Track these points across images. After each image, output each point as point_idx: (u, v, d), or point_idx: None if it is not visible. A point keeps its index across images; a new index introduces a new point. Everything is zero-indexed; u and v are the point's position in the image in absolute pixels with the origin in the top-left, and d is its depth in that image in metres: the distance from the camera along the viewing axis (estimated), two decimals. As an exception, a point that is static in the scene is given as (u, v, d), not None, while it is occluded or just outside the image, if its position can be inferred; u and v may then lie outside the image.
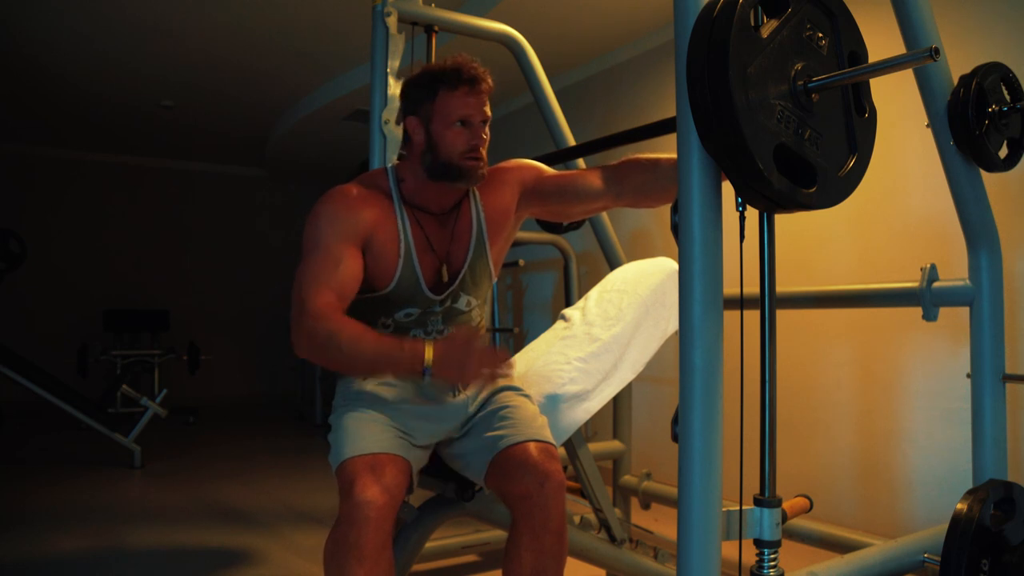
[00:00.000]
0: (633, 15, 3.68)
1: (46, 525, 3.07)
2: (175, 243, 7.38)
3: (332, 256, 1.42)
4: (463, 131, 1.46)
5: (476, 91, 1.45)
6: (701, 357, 1.01)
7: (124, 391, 4.62)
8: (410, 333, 1.57)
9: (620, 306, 1.80)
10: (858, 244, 2.91)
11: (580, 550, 1.83)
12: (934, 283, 1.58)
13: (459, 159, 1.46)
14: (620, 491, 2.70)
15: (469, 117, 1.45)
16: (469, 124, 1.46)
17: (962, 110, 1.48)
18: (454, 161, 1.47)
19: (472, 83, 1.45)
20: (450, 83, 1.45)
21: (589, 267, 4.07)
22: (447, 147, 1.46)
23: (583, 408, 1.70)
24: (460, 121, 1.45)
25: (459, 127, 1.46)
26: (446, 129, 1.46)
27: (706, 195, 1.02)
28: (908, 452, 2.66)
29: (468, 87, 1.45)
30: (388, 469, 1.30)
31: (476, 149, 1.46)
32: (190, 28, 4.02)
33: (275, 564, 2.65)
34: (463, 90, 1.45)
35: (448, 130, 1.46)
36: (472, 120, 1.46)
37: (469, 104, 1.45)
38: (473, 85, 1.45)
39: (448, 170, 1.48)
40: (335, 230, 1.44)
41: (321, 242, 1.43)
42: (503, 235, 1.63)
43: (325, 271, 1.40)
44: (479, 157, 1.47)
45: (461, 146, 1.46)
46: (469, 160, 1.47)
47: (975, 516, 1.25)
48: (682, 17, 1.03)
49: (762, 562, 1.10)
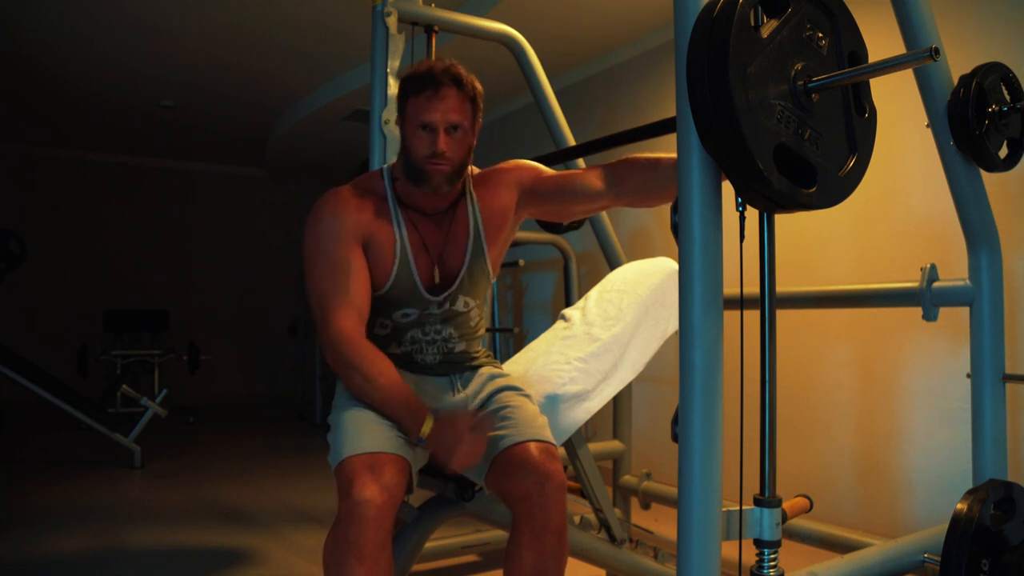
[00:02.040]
0: (633, 15, 3.68)
1: (46, 525, 3.07)
2: (175, 243, 7.38)
3: (340, 263, 1.46)
4: (425, 136, 1.46)
5: (439, 96, 1.44)
6: (701, 357, 1.01)
7: (124, 391, 4.62)
8: (408, 334, 1.57)
9: (620, 306, 1.80)
10: (858, 244, 2.91)
11: (580, 550, 1.83)
12: (934, 283, 1.58)
13: (422, 162, 1.47)
14: (620, 491, 2.70)
15: (431, 122, 1.45)
16: (431, 129, 1.45)
17: (962, 110, 1.48)
18: (418, 164, 1.47)
19: (436, 87, 1.44)
20: (415, 87, 1.46)
21: (589, 267, 4.07)
22: (413, 150, 1.47)
23: (583, 408, 1.70)
24: (423, 126, 1.45)
25: (423, 132, 1.46)
26: (412, 133, 1.47)
27: (706, 195, 1.02)
28: (908, 452, 2.66)
29: (432, 91, 1.44)
30: (387, 468, 1.30)
31: (435, 156, 1.45)
32: (190, 28, 4.02)
33: (275, 564, 2.65)
34: (427, 94, 1.44)
35: (414, 134, 1.47)
36: (434, 125, 1.45)
37: (430, 109, 1.44)
38: (437, 90, 1.44)
39: (414, 173, 1.49)
40: (336, 233, 1.47)
41: (325, 248, 1.46)
42: (501, 236, 1.63)
43: (338, 282, 1.44)
44: (438, 163, 1.46)
45: (423, 150, 1.46)
46: (429, 164, 1.46)
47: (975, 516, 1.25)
48: (682, 17, 1.03)
49: (762, 562, 1.10)
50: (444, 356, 1.60)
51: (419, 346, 1.58)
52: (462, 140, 1.48)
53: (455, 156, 1.47)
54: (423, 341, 1.58)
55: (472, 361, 1.63)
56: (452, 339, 1.60)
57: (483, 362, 1.65)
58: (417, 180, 1.49)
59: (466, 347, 1.63)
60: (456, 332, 1.60)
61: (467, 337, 1.63)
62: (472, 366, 1.63)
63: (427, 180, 1.48)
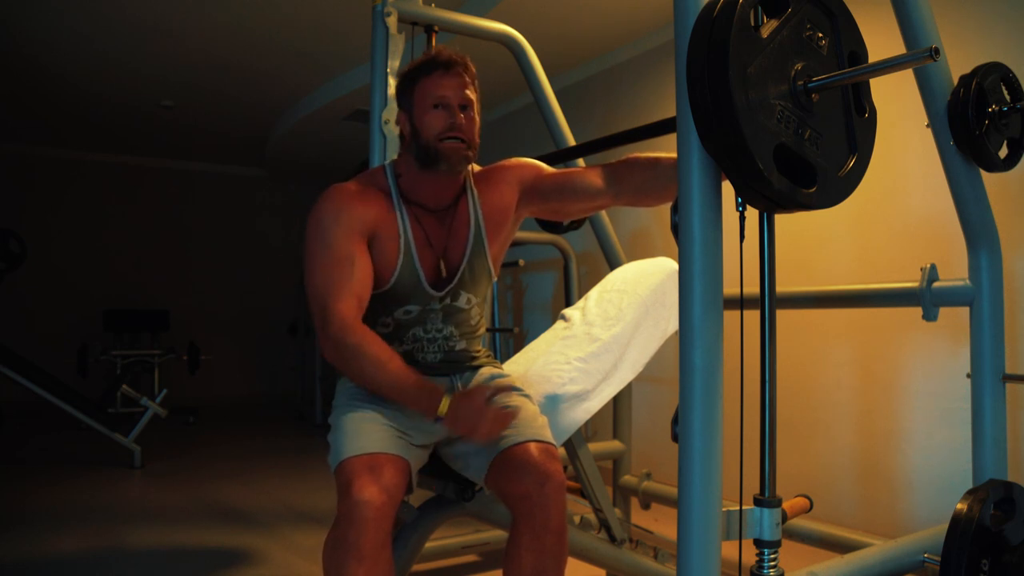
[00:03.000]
0: (633, 15, 3.68)
1: (46, 525, 3.07)
2: (175, 243, 7.38)
3: (343, 256, 1.44)
4: (440, 113, 1.47)
5: (451, 73, 1.47)
6: (701, 357, 1.01)
7: (124, 391, 4.62)
8: (410, 332, 1.57)
9: (620, 306, 1.80)
10: (858, 244, 2.91)
11: (580, 550, 1.83)
12: (934, 283, 1.58)
13: (436, 141, 1.47)
14: (620, 491, 2.70)
15: (445, 98, 1.46)
16: (447, 106, 1.47)
17: (962, 110, 1.48)
18: (432, 144, 1.47)
19: (447, 66, 1.47)
20: (425, 69, 1.48)
21: (589, 267, 4.07)
22: (426, 130, 1.47)
23: (583, 408, 1.70)
24: (437, 104, 1.47)
25: (437, 110, 1.47)
26: (424, 113, 1.48)
27: (706, 195, 1.02)
28: (908, 452, 2.66)
29: (443, 70, 1.47)
30: (387, 469, 1.30)
31: (454, 128, 1.46)
32: (190, 28, 4.02)
33: (275, 564, 2.65)
34: (438, 73, 1.47)
35: (426, 114, 1.47)
36: (449, 101, 1.47)
37: (444, 85, 1.47)
38: (448, 68, 1.47)
39: (429, 153, 1.48)
40: (340, 227, 1.45)
41: (329, 242, 1.44)
42: (502, 233, 1.63)
43: (340, 274, 1.42)
44: (458, 137, 1.47)
45: (439, 127, 1.46)
46: (447, 140, 1.46)
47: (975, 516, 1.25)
48: (682, 17, 1.03)
49: (762, 562, 1.10)
50: (445, 355, 1.60)
51: (420, 344, 1.58)
52: (473, 120, 1.50)
53: (469, 134, 1.49)
54: (424, 339, 1.58)
55: (472, 360, 1.63)
56: (453, 337, 1.60)
57: (483, 362, 1.65)
58: (432, 161, 1.48)
59: (467, 346, 1.63)
60: (457, 330, 1.60)
61: (468, 336, 1.63)
62: (472, 366, 1.63)
63: (444, 157, 1.47)
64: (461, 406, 1.31)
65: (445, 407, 1.32)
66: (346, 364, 1.40)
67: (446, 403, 1.32)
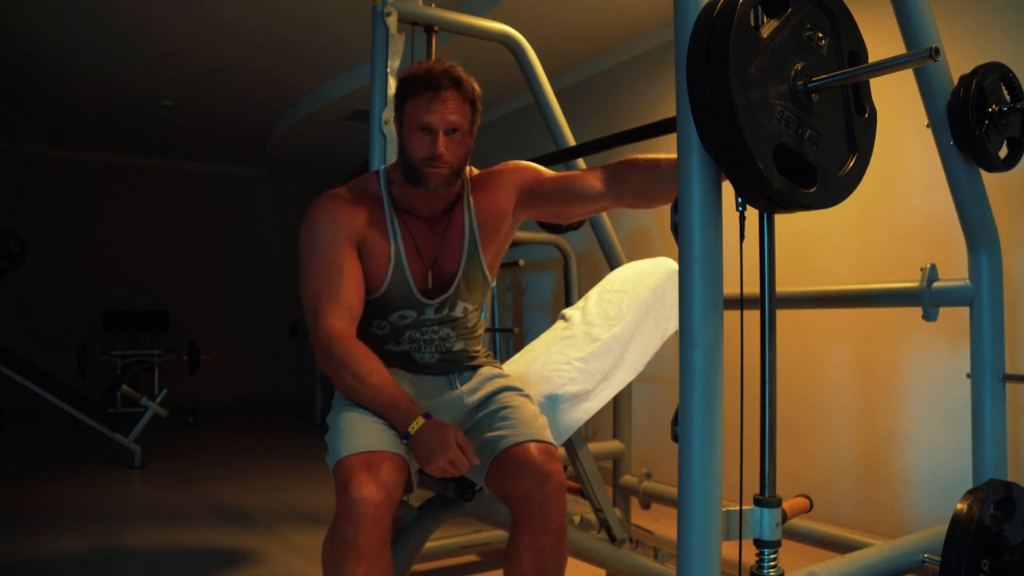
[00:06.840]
0: (633, 15, 3.68)
1: (46, 525, 3.07)
2: (175, 243, 7.38)
3: (334, 263, 1.46)
4: (424, 138, 1.45)
5: (440, 98, 1.43)
6: (701, 357, 1.01)
7: (124, 391, 4.62)
8: (406, 334, 1.57)
9: (620, 306, 1.80)
10: (858, 244, 2.91)
11: (580, 550, 1.83)
12: (934, 283, 1.58)
13: (420, 165, 1.46)
14: (620, 491, 2.70)
15: (431, 124, 1.44)
16: (431, 132, 1.44)
17: (962, 110, 1.48)
18: (416, 167, 1.47)
19: (436, 89, 1.43)
20: (415, 89, 1.45)
21: (589, 267, 4.07)
22: (411, 152, 1.47)
23: (583, 408, 1.70)
24: (422, 128, 1.44)
25: (421, 134, 1.45)
26: (411, 135, 1.46)
27: (706, 195, 1.02)
28: (908, 452, 2.66)
29: (432, 93, 1.43)
30: (384, 467, 1.30)
31: (434, 158, 1.44)
32: (190, 28, 4.02)
33: (275, 564, 2.65)
34: (426, 96, 1.43)
35: (412, 135, 1.46)
36: (433, 127, 1.44)
37: (430, 111, 1.43)
38: (437, 92, 1.43)
39: (411, 174, 1.48)
40: (330, 235, 1.47)
41: (319, 249, 1.47)
42: (498, 239, 1.62)
43: (330, 282, 1.45)
44: (437, 165, 1.45)
45: (422, 153, 1.45)
46: (427, 167, 1.45)
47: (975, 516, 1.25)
48: (682, 17, 1.03)
49: (762, 562, 1.10)
50: (442, 355, 1.60)
51: (417, 345, 1.58)
52: (461, 142, 1.48)
53: (453, 158, 1.47)
54: (421, 340, 1.58)
55: (471, 360, 1.63)
56: (450, 339, 1.60)
57: (483, 362, 1.65)
58: (415, 181, 1.49)
59: (464, 346, 1.63)
60: (454, 332, 1.60)
61: (465, 337, 1.63)
62: (471, 365, 1.63)
63: (424, 182, 1.47)
64: (430, 433, 1.32)
65: (416, 427, 1.33)
66: (332, 372, 1.43)
67: (418, 424, 1.33)
